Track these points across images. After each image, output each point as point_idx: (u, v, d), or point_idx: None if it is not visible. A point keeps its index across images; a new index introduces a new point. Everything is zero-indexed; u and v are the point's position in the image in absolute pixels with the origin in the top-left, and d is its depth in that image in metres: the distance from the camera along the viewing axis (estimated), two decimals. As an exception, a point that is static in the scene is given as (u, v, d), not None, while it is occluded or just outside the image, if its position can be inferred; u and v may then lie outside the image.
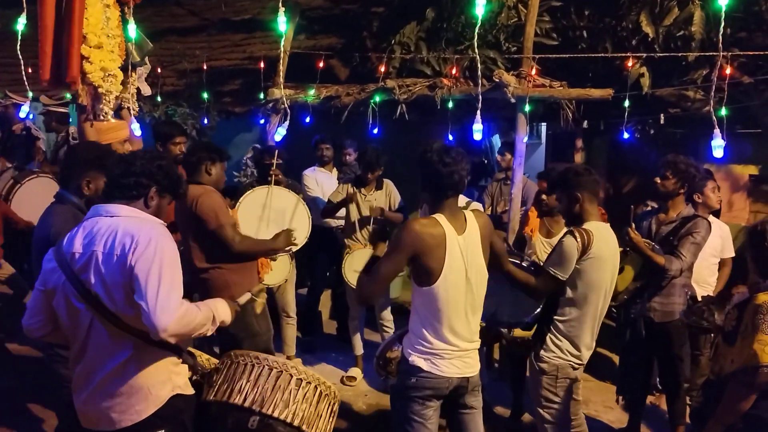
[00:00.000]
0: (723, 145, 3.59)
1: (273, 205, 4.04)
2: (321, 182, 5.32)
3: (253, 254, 3.46)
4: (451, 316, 2.51)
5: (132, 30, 3.69)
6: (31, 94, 4.39)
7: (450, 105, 5.25)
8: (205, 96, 6.45)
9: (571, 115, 5.08)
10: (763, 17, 5.55)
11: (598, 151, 7.41)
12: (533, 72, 4.85)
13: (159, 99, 6.35)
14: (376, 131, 5.47)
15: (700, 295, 3.93)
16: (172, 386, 2.19)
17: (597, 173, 3.07)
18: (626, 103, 5.26)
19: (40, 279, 2.20)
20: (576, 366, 2.97)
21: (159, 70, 6.27)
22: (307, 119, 5.57)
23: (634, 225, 3.57)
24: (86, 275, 2.06)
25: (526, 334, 3.37)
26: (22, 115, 4.61)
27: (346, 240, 4.78)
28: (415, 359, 2.53)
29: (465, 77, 5.29)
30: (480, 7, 3.62)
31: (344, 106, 5.42)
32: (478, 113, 4.29)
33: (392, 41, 5.89)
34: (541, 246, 4.13)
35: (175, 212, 3.44)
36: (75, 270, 2.07)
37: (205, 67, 6.52)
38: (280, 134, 4.37)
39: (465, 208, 2.87)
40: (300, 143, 5.43)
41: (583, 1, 6.01)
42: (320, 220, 4.95)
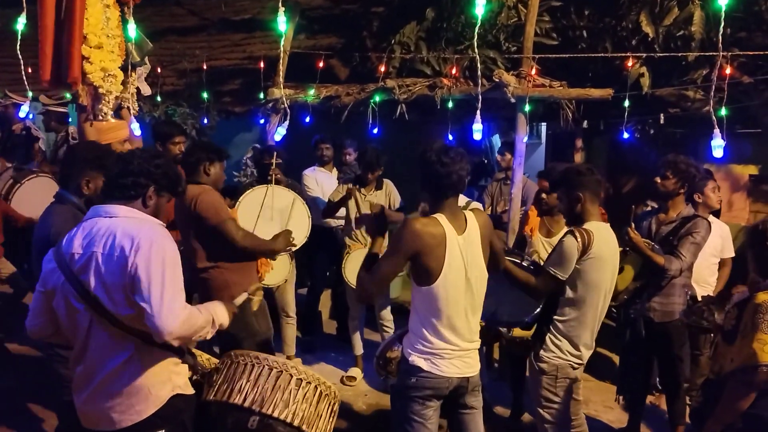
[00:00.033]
0: (723, 145, 3.59)
1: (273, 205, 4.04)
2: (321, 182, 5.32)
3: (255, 251, 3.45)
4: (451, 315, 2.51)
5: (132, 30, 3.69)
6: (30, 94, 4.38)
7: (450, 105, 5.25)
8: (204, 96, 6.44)
9: (571, 115, 5.08)
10: (763, 17, 5.55)
11: (598, 151, 7.41)
12: (533, 72, 4.84)
13: (159, 99, 6.34)
14: (376, 131, 5.47)
15: (700, 295, 3.94)
16: (172, 386, 2.19)
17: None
18: (626, 103, 5.26)
19: (40, 280, 2.19)
20: (576, 366, 2.98)
21: (159, 70, 6.26)
22: (307, 119, 5.56)
23: (634, 225, 3.57)
24: (85, 276, 2.06)
25: (525, 333, 3.37)
26: (21, 115, 4.61)
27: (346, 240, 4.78)
28: (415, 359, 2.53)
29: (465, 77, 5.28)
30: (480, 7, 3.62)
31: (344, 106, 5.42)
32: (478, 113, 4.28)
33: (392, 41, 5.89)
34: (541, 246, 4.12)
35: (175, 211, 3.44)
36: (74, 271, 2.07)
37: (204, 67, 6.52)
38: (280, 134, 4.37)
39: (465, 207, 2.86)
40: (300, 143, 5.43)
41: (583, 1, 6.00)
42: (320, 219, 4.95)
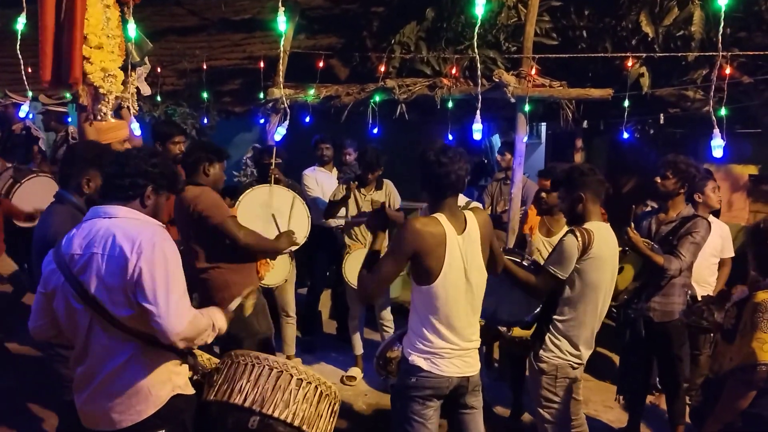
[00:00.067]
0: (723, 144, 3.58)
1: (272, 205, 4.04)
2: (321, 182, 5.32)
3: (256, 250, 3.44)
4: (451, 314, 2.51)
5: (132, 30, 3.68)
6: (30, 94, 4.38)
7: (450, 105, 5.24)
8: (204, 96, 6.44)
9: (570, 114, 5.07)
10: (763, 17, 5.55)
11: (598, 151, 7.41)
12: (533, 72, 4.84)
13: (159, 99, 6.34)
14: (376, 131, 5.47)
15: (700, 295, 3.94)
16: (172, 386, 2.19)
17: (598, 173, 3.07)
18: (626, 103, 5.26)
19: (41, 281, 2.19)
20: (575, 366, 2.98)
21: (159, 70, 6.27)
22: (307, 119, 5.56)
23: (634, 225, 3.57)
24: (85, 276, 2.06)
25: (525, 333, 3.37)
26: (21, 115, 4.60)
27: (346, 240, 4.78)
28: (415, 359, 2.54)
29: (465, 77, 5.28)
30: (480, 7, 3.62)
31: (344, 106, 5.41)
32: (477, 113, 4.28)
33: (392, 41, 5.89)
34: (541, 245, 4.12)
35: (174, 211, 3.43)
36: (74, 271, 2.07)
37: (204, 67, 6.52)
38: (280, 134, 4.37)
39: (465, 207, 2.86)
40: (300, 143, 5.42)
41: (583, 1, 6.01)
42: (320, 219, 4.95)
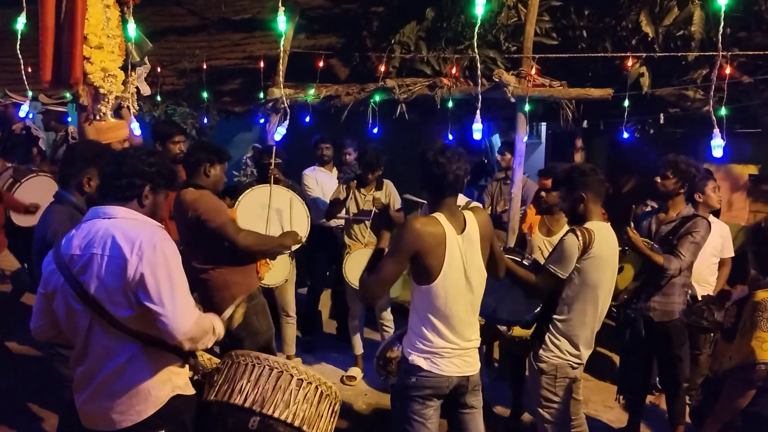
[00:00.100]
0: (723, 144, 3.59)
1: (272, 205, 4.04)
2: (321, 182, 5.32)
3: (257, 250, 3.43)
4: (451, 314, 2.51)
5: (132, 30, 3.69)
6: (30, 94, 4.38)
7: (450, 105, 5.24)
8: (204, 95, 6.44)
9: (570, 114, 5.07)
10: (763, 17, 5.55)
11: (598, 151, 7.41)
12: (533, 72, 4.84)
13: (159, 98, 6.34)
14: (376, 131, 5.46)
15: (700, 295, 3.94)
16: (172, 387, 2.19)
17: (597, 173, 3.07)
18: (626, 103, 5.26)
19: (42, 282, 2.19)
20: (575, 365, 2.98)
21: (159, 70, 6.26)
22: (307, 119, 5.56)
23: (634, 225, 3.57)
24: (84, 277, 2.05)
25: (525, 333, 3.38)
26: (21, 115, 4.60)
27: (346, 240, 4.78)
28: (415, 358, 2.54)
29: (465, 77, 5.28)
30: (480, 7, 3.62)
31: (344, 106, 5.41)
32: (477, 113, 4.28)
33: (392, 41, 5.89)
34: (541, 244, 4.12)
35: (174, 211, 3.43)
36: (74, 272, 2.07)
37: (204, 67, 6.52)
38: (280, 134, 4.37)
39: (465, 207, 2.86)
40: (300, 143, 5.43)
41: (582, 1, 6.00)
42: (320, 219, 4.95)
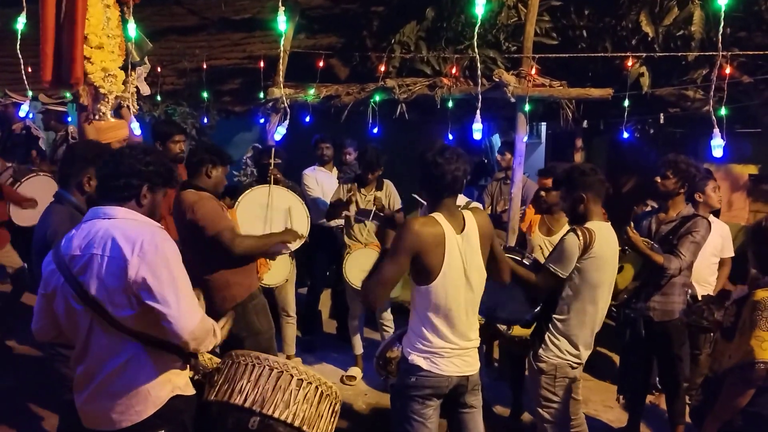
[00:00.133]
0: (723, 144, 3.59)
1: (272, 205, 4.04)
2: (321, 182, 5.32)
3: (255, 254, 3.43)
4: (451, 314, 2.51)
5: (132, 30, 3.68)
6: (30, 93, 4.38)
7: (450, 104, 5.24)
8: (204, 95, 6.44)
9: (570, 114, 5.07)
10: (763, 17, 5.55)
11: (598, 151, 7.41)
12: (533, 71, 4.83)
13: (159, 98, 6.34)
14: (376, 131, 5.46)
15: (700, 295, 3.94)
16: (172, 387, 2.18)
17: (597, 173, 3.06)
18: (626, 103, 5.26)
19: (42, 283, 2.18)
20: (575, 365, 2.98)
21: (159, 70, 6.27)
22: (307, 119, 5.56)
23: (634, 224, 3.57)
24: (84, 277, 2.05)
25: (524, 332, 3.38)
26: (21, 115, 4.61)
27: (346, 240, 4.77)
28: (415, 358, 2.54)
29: (465, 77, 5.28)
30: (480, 7, 3.62)
31: (344, 106, 5.41)
32: (477, 113, 4.28)
33: (392, 40, 5.89)
34: (542, 244, 4.13)
35: (173, 210, 3.43)
36: (74, 272, 2.06)
37: (204, 67, 6.52)
38: (280, 133, 4.37)
39: (465, 207, 2.87)
40: (300, 143, 5.42)
41: (582, 1, 6.01)
42: (320, 219, 4.95)
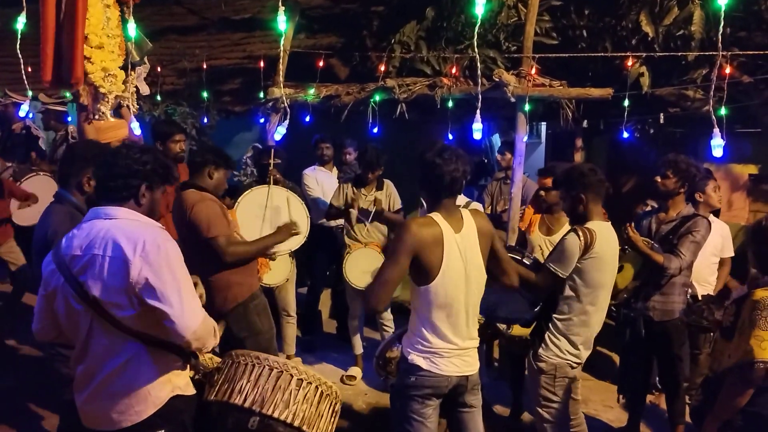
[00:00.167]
0: (722, 144, 3.59)
1: (271, 205, 4.04)
2: (321, 181, 5.32)
3: (248, 258, 3.42)
4: (450, 314, 2.51)
5: (132, 29, 3.69)
6: (30, 93, 4.38)
7: (450, 104, 5.24)
8: (204, 95, 6.45)
9: (570, 114, 5.07)
10: (763, 17, 5.56)
11: (598, 151, 7.41)
12: (533, 71, 4.84)
13: (159, 98, 6.35)
14: (376, 130, 5.46)
15: (700, 294, 3.94)
16: (172, 387, 2.18)
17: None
18: (626, 103, 5.26)
19: (42, 283, 2.18)
20: (574, 365, 2.98)
21: (159, 69, 6.28)
22: (307, 118, 5.56)
23: (634, 224, 3.57)
24: (85, 277, 2.05)
25: (524, 332, 3.37)
26: (21, 114, 4.61)
27: (346, 239, 4.77)
28: (415, 358, 2.54)
29: (465, 76, 5.28)
30: (480, 7, 3.62)
31: (344, 106, 5.41)
32: (477, 112, 4.28)
33: (392, 40, 5.90)
34: (542, 243, 4.13)
35: (173, 210, 3.43)
36: (74, 272, 2.06)
37: (204, 66, 6.53)
38: (280, 133, 4.37)
39: (465, 207, 2.87)
40: (300, 142, 5.43)
41: (583, 1, 6.01)
42: (320, 219, 4.95)
